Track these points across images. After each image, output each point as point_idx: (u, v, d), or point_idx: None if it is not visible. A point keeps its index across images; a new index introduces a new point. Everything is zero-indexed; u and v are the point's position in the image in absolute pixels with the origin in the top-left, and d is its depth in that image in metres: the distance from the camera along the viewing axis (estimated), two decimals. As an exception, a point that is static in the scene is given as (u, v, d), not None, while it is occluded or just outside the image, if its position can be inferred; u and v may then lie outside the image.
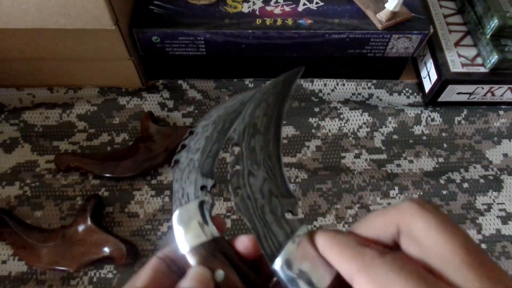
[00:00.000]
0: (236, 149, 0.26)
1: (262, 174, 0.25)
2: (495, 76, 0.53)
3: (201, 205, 0.25)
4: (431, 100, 0.57)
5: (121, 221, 0.48)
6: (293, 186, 0.51)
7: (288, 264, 0.22)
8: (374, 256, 0.19)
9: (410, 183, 0.52)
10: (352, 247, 0.20)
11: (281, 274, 0.22)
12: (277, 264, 0.22)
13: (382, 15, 0.51)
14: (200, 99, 0.58)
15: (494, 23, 0.52)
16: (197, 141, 0.28)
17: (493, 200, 0.52)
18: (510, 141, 0.56)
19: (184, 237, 0.24)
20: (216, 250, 0.23)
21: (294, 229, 0.23)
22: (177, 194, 0.26)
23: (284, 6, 0.54)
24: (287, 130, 0.56)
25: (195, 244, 0.24)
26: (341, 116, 0.56)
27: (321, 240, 0.22)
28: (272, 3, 0.54)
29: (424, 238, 0.18)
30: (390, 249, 0.20)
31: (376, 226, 0.21)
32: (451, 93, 0.55)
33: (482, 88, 0.54)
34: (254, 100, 0.29)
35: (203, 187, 0.26)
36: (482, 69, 0.54)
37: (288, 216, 0.24)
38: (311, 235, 0.22)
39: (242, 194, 0.25)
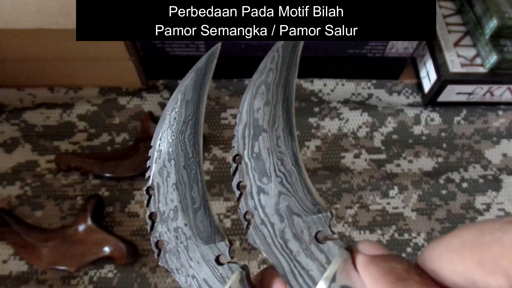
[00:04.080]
0: (238, 161, 0.20)
1: (275, 187, 0.19)
2: (494, 76, 0.54)
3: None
4: (431, 100, 0.57)
5: (121, 221, 0.49)
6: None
7: None
8: None
9: (409, 183, 0.52)
10: None
11: None
12: None
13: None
14: (200, 99, 0.58)
15: (493, 23, 0.52)
16: (166, 197, 0.20)
17: (492, 200, 0.52)
18: (509, 141, 0.56)
19: None
20: None
21: (331, 257, 0.17)
22: None
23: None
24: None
25: None
26: (341, 116, 0.56)
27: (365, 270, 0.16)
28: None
29: None
30: None
31: (463, 265, 0.13)
32: (451, 93, 0.55)
33: (481, 88, 0.55)
34: (249, 88, 0.21)
35: (218, 258, 0.19)
36: (481, 69, 0.54)
37: (321, 237, 0.18)
38: (352, 257, 0.17)
39: (255, 221, 0.19)
